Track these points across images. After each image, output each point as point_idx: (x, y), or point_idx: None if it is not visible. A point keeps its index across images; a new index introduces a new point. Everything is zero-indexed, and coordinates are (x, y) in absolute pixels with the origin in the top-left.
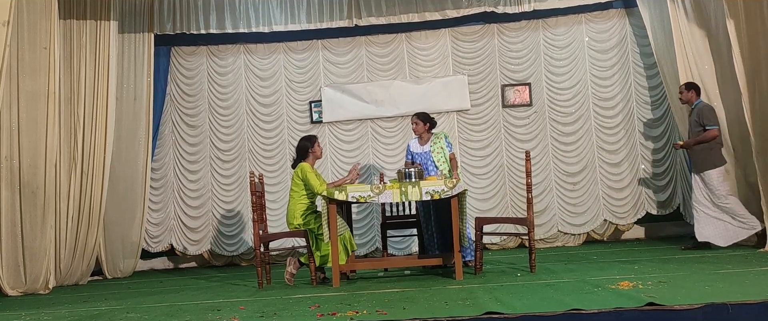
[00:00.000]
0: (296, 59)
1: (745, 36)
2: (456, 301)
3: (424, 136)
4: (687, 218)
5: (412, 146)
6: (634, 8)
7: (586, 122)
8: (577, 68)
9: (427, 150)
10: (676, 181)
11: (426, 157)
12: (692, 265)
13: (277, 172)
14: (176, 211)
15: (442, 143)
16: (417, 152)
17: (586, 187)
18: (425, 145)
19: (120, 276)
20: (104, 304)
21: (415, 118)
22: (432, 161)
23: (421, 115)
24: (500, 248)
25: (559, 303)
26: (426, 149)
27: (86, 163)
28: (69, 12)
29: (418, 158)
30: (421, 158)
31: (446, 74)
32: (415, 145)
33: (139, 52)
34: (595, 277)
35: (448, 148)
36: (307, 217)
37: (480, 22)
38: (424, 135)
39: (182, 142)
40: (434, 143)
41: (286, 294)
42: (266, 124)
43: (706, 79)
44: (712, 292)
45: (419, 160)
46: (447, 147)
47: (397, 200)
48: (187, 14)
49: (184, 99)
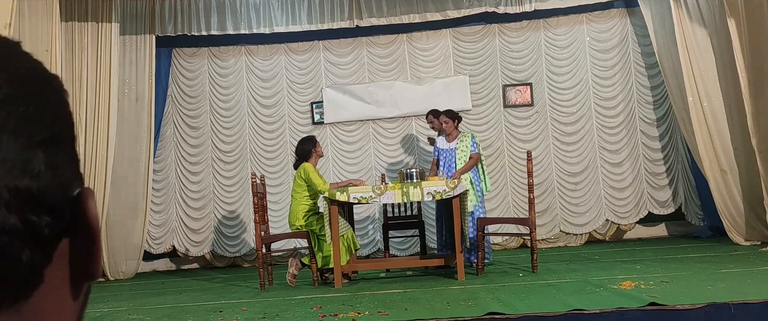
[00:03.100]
0: (297, 60)
1: (745, 35)
2: (458, 302)
3: (452, 133)
4: (689, 218)
5: (439, 143)
6: (635, 8)
7: (587, 122)
8: (579, 68)
9: (454, 147)
10: (678, 180)
11: (451, 155)
12: (694, 265)
13: (278, 173)
14: (178, 212)
15: (468, 142)
16: (443, 149)
17: (587, 186)
18: (452, 143)
19: (122, 277)
20: (106, 306)
21: (445, 117)
22: (455, 159)
23: (448, 112)
24: (502, 248)
25: (561, 303)
26: (452, 146)
27: (88, 165)
28: (71, 14)
29: (443, 155)
30: (446, 155)
31: (447, 75)
32: (442, 142)
33: (140, 54)
34: (597, 277)
35: (473, 148)
36: (309, 218)
37: (481, 22)
38: (453, 132)
39: (184, 143)
40: (461, 141)
41: (288, 295)
42: (268, 126)
43: (708, 78)
44: (715, 292)
45: (445, 157)
46: (472, 147)
47: (399, 201)
48: (188, 16)
49: (186, 100)
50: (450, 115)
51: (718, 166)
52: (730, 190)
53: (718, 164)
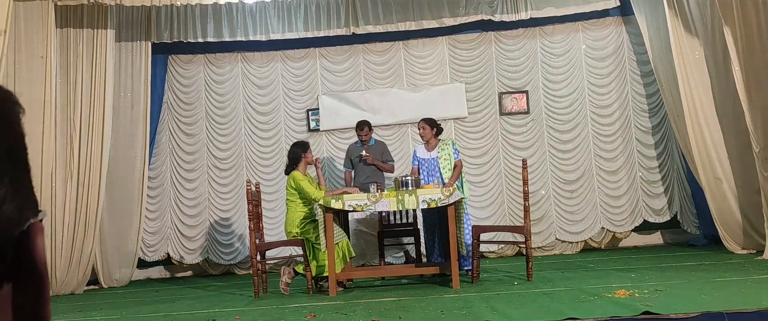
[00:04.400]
0: (294, 67)
1: (741, 42)
2: (452, 310)
3: (431, 142)
4: (684, 226)
5: (418, 152)
6: (631, 16)
7: (583, 130)
8: (574, 76)
9: (435, 156)
10: (674, 188)
11: (433, 164)
12: (689, 274)
13: (274, 180)
14: (173, 219)
15: (450, 150)
16: (424, 158)
17: (583, 194)
18: (433, 152)
19: (116, 285)
20: (99, 314)
21: (423, 123)
22: (438, 168)
23: (429, 120)
24: (498, 256)
25: (555, 311)
26: (433, 155)
27: (82, 171)
28: (66, 21)
29: (424, 165)
30: (428, 165)
31: (443, 82)
32: (422, 151)
33: (136, 60)
34: (592, 285)
35: (455, 156)
36: (305, 225)
37: (477, 30)
38: (432, 141)
39: (179, 150)
40: (442, 150)
41: (283, 303)
42: (264, 133)
43: (702, 86)
44: (709, 301)
45: (426, 166)
46: (454, 154)
47: (394, 209)
48: (185, 23)
49: (182, 107)
50: (429, 123)
51: (713, 174)
52: (726, 198)
53: (713, 172)
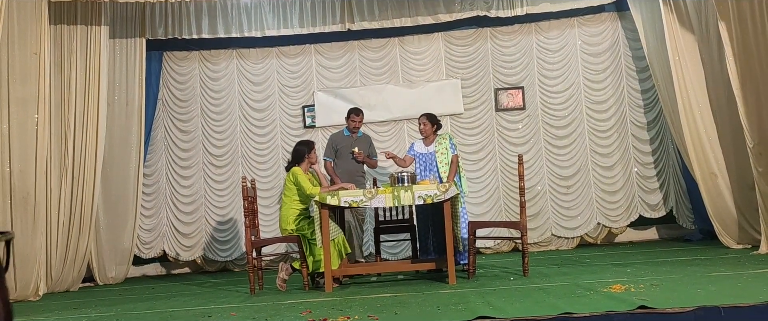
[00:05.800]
0: (289, 64)
1: (736, 38)
2: (448, 306)
3: (430, 137)
4: (679, 221)
5: (416, 146)
6: (626, 11)
7: (579, 125)
8: (570, 72)
9: (432, 151)
10: (669, 184)
11: (430, 158)
12: (685, 268)
13: (270, 176)
14: (169, 216)
15: (447, 144)
16: (421, 153)
17: (579, 190)
18: (430, 146)
19: (111, 282)
20: (95, 311)
21: (424, 119)
22: (436, 163)
23: (429, 115)
24: (494, 252)
25: (551, 307)
26: (431, 150)
27: (77, 168)
28: (59, 17)
29: (421, 159)
30: (425, 159)
31: (439, 78)
32: (419, 146)
33: (130, 57)
34: (588, 280)
35: (452, 150)
36: (300, 222)
37: (473, 26)
38: (430, 136)
39: (175, 147)
40: (439, 144)
41: (278, 300)
42: (259, 129)
43: (697, 81)
44: (705, 296)
45: (423, 161)
46: (451, 148)
47: (390, 205)
48: (179, 19)
49: (177, 104)
50: (430, 118)
51: (708, 169)
52: (721, 193)
53: (708, 168)
